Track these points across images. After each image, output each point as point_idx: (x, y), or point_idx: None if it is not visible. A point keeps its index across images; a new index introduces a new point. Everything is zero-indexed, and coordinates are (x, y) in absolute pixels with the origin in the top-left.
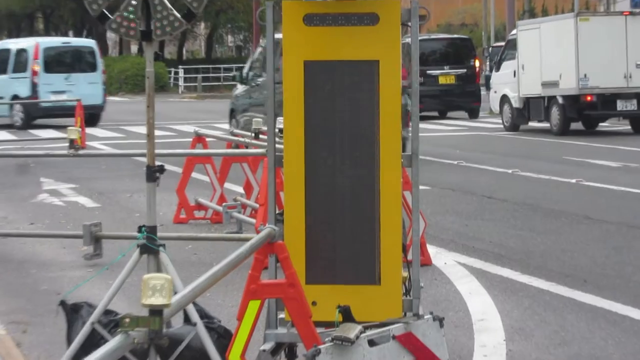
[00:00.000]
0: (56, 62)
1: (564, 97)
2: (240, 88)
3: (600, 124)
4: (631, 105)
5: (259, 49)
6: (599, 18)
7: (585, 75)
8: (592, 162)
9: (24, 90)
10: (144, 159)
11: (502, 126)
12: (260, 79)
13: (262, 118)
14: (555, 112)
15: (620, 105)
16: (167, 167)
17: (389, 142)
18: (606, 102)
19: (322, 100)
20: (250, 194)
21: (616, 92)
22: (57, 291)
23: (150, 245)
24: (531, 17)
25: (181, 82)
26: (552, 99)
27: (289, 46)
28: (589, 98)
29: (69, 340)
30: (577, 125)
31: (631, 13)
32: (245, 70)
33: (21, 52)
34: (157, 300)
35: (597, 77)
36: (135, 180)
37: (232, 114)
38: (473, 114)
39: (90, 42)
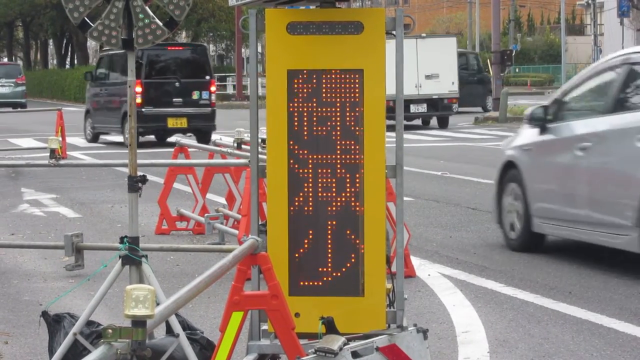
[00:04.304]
0: None
1: None
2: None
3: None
4: (422, 108)
5: None
6: (394, 40)
7: None
8: None
9: None
10: (125, 169)
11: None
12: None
13: None
14: None
15: (413, 108)
16: (149, 177)
17: (372, 152)
18: None
19: (305, 109)
20: (232, 205)
21: (409, 99)
22: (39, 302)
23: (132, 256)
24: (516, 26)
25: None
26: None
27: (272, 55)
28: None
29: (51, 352)
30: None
31: (420, 36)
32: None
33: None
34: (140, 311)
35: (393, 87)
36: (116, 191)
37: None
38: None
39: None
